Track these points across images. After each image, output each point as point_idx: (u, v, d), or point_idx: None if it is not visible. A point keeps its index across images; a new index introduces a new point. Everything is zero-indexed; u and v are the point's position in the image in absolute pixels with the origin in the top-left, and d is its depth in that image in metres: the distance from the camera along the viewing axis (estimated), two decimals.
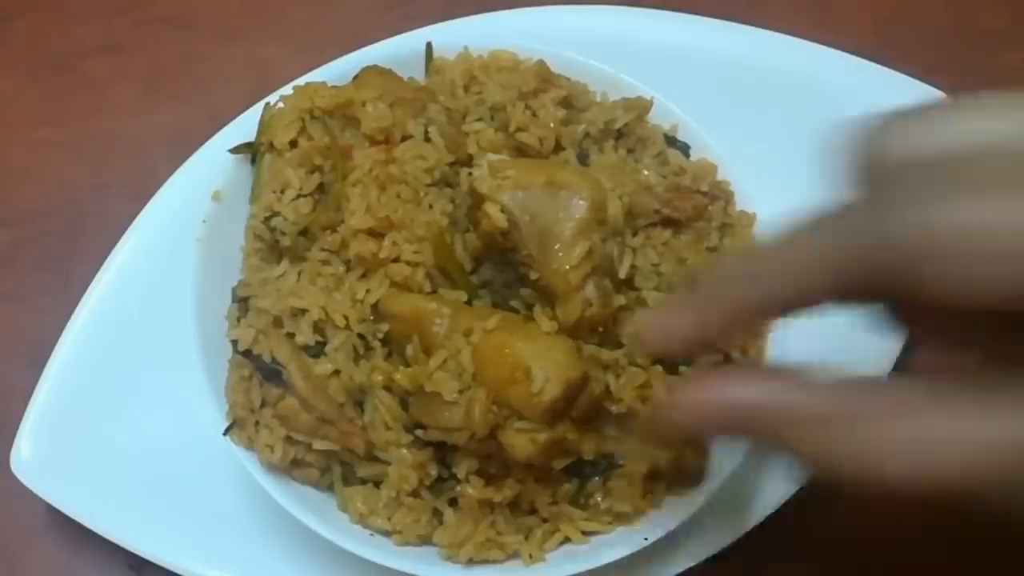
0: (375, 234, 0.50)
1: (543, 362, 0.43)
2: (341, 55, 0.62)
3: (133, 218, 0.64)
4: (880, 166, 0.28)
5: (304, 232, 0.51)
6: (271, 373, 0.49)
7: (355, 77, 0.56)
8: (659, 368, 0.49)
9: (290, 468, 0.51)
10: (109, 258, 0.63)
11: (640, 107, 0.56)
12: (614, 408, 0.48)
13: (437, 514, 0.50)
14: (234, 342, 0.50)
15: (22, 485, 0.57)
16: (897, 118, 0.28)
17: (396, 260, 0.49)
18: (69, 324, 0.61)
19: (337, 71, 0.57)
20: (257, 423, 0.50)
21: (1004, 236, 0.25)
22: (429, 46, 0.60)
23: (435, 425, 0.45)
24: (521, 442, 0.44)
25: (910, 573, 0.58)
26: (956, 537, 0.55)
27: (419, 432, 0.47)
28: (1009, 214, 0.25)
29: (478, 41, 0.59)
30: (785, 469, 0.34)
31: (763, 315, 0.35)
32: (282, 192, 0.52)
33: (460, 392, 0.44)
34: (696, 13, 0.71)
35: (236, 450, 0.51)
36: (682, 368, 0.49)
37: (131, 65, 0.75)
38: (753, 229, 0.55)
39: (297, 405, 0.49)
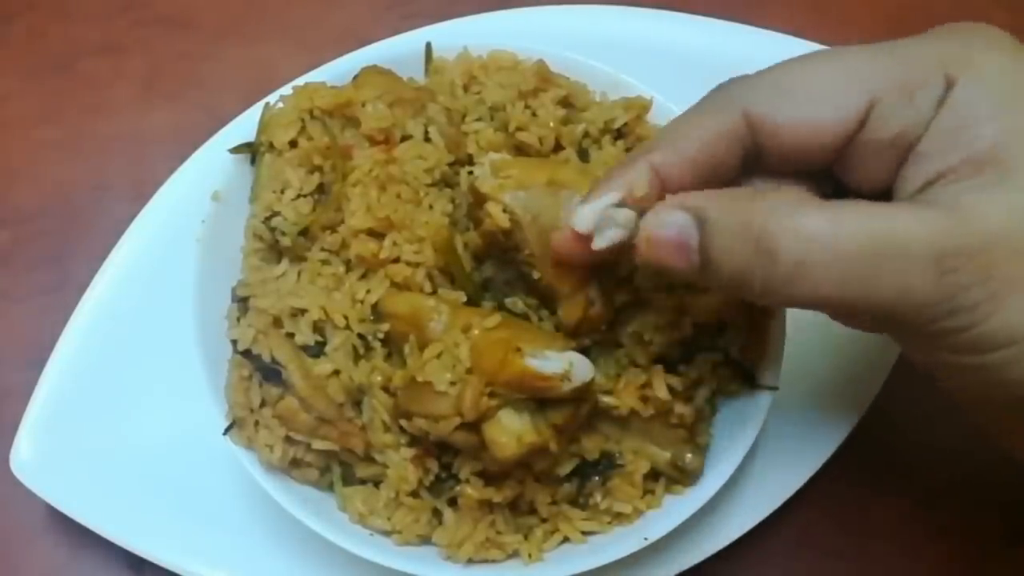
0: (375, 234, 0.50)
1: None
2: (341, 55, 0.62)
3: (133, 218, 0.64)
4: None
5: (304, 232, 0.51)
6: (271, 373, 0.49)
7: (355, 77, 0.56)
8: (659, 368, 0.49)
9: (290, 468, 0.51)
10: (108, 258, 0.63)
11: (640, 107, 0.56)
12: (615, 410, 0.48)
13: (437, 514, 0.50)
14: (234, 342, 0.50)
15: (22, 485, 0.57)
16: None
17: (396, 260, 0.49)
18: (69, 324, 0.61)
19: (337, 71, 0.57)
20: (257, 423, 0.50)
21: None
22: (429, 46, 0.60)
23: (422, 412, 0.45)
24: (504, 440, 0.44)
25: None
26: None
27: (403, 423, 0.47)
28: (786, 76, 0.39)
29: (478, 41, 0.59)
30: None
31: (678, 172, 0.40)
32: (282, 192, 0.52)
33: (452, 384, 0.44)
34: (696, 13, 0.72)
35: (236, 450, 0.51)
36: (681, 368, 0.49)
37: (130, 65, 0.75)
38: None
39: (296, 405, 0.49)
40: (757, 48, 0.70)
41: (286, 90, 0.55)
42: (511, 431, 0.44)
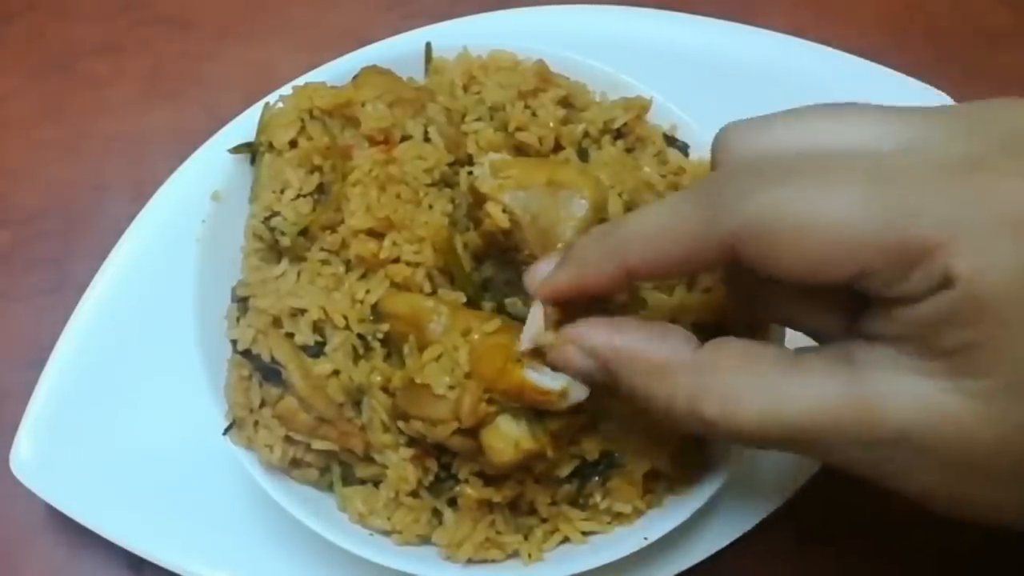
0: (375, 234, 0.50)
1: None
2: (341, 55, 0.62)
3: (133, 218, 0.64)
4: (722, 161, 0.38)
5: (304, 232, 0.51)
6: (270, 373, 0.49)
7: (355, 77, 0.56)
8: None
9: (289, 468, 0.51)
10: (108, 258, 0.63)
11: (639, 107, 0.56)
12: (615, 409, 0.48)
13: (436, 514, 0.50)
14: (234, 342, 0.50)
15: (21, 485, 0.57)
16: (741, 123, 0.38)
17: (396, 260, 0.49)
18: (68, 324, 0.61)
19: (337, 71, 0.57)
20: (256, 423, 0.50)
21: (792, 221, 0.33)
22: (428, 46, 0.60)
23: (420, 416, 0.45)
24: (501, 446, 0.44)
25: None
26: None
27: (401, 424, 0.47)
28: (798, 204, 0.33)
29: (478, 41, 0.59)
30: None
31: (634, 273, 0.39)
32: (282, 192, 0.52)
33: (451, 388, 0.44)
34: (696, 13, 0.72)
35: (236, 450, 0.51)
36: None
37: (131, 65, 0.75)
38: None
39: (296, 405, 0.49)
40: (757, 48, 0.70)
41: (286, 90, 0.55)
42: (508, 437, 0.44)
